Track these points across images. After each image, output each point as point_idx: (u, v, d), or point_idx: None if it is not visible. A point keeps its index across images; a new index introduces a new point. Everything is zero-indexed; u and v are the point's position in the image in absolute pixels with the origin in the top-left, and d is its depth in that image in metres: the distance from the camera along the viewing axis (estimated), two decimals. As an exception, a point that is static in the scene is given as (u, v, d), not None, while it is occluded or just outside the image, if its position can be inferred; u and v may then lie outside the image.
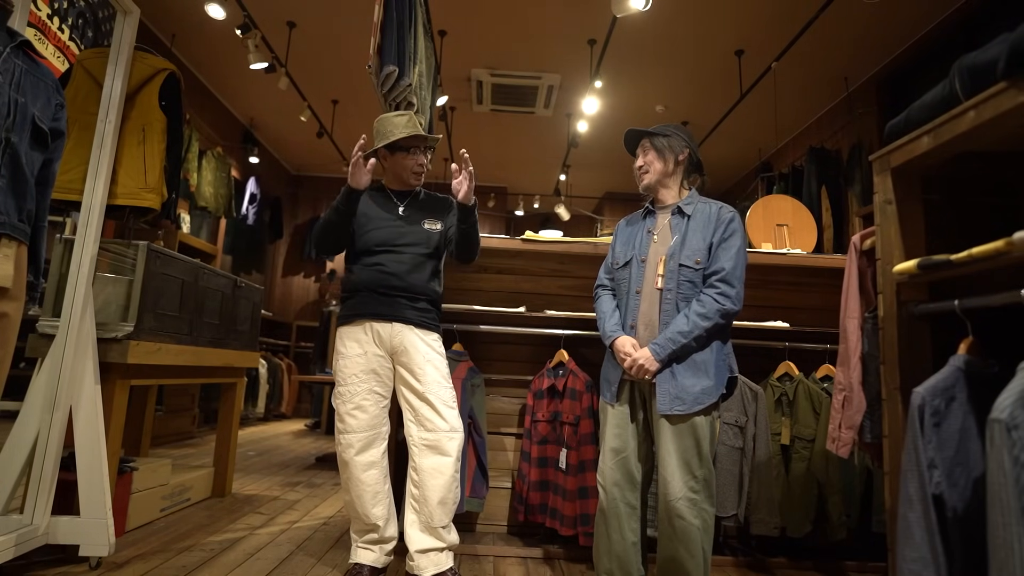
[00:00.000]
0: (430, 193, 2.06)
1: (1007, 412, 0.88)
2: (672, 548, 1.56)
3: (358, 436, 1.82)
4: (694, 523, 1.52)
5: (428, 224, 1.94)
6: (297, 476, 3.46)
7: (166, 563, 1.91)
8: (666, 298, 1.62)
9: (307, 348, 7.06)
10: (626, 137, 1.81)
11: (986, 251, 1.07)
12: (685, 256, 1.62)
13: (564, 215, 6.88)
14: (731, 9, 3.96)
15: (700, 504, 1.54)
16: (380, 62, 2.24)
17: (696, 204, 1.69)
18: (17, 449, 1.75)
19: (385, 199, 1.99)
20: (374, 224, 1.91)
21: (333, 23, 4.31)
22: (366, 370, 1.84)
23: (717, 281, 1.58)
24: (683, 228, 1.66)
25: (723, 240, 1.61)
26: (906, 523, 1.08)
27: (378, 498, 1.83)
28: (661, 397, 1.57)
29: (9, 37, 1.48)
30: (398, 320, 1.84)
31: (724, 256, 1.60)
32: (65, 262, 2.03)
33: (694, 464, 1.55)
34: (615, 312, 1.73)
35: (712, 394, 1.57)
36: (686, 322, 1.55)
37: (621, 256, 1.76)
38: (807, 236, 2.92)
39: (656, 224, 1.73)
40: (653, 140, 1.73)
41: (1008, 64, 1.05)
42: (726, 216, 1.64)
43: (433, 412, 1.80)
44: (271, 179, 7.01)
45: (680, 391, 1.56)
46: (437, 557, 1.78)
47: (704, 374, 1.57)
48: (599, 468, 1.70)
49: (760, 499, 2.14)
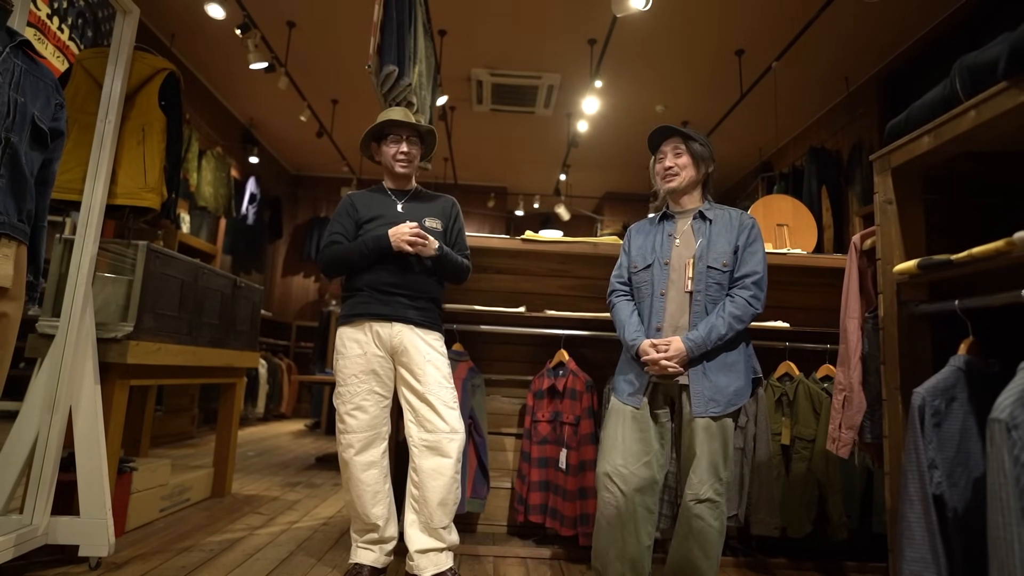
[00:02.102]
0: (430, 192, 2.06)
1: (1007, 412, 0.88)
2: (687, 548, 1.56)
3: (358, 436, 1.82)
4: (714, 525, 1.52)
5: (429, 222, 1.93)
6: (297, 476, 3.46)
7: (166, 563, 1.91)
8: (696, 300, 1.63)
9: (307, 348, 7.06)
10: (657, 132, 1.76)
11: (986, 251, 1.07)
12: (712, 259, 1.63)
13: (564, 215, 6.88)
14: (731, 9, 3.96)
15: (720, 506, 1.55)
16: (380, 62, 2.24)
17: (715, 210, 1.71)
18: (17, 449, 1.75)
19: (383, 198, 1.98)
20: (373, 224, 1.91)
21: (333, 23, 4.30)
22: (366, 370, 1.84)
23: (751, 283, 1.60)
24: (707, 232, 1.67)
25: (749, 244, 1.64)
26: (906, 523, 1.08)
27: (378, 498, 1.83)
28: (696, 399, 1.57)
29: (9, 37, 1.48)
30: (398, 320, 1.84)
31: (752, 260, 1.62)
32: (65, 262, 2.02)
33: (720, 467, 1.55)
34: (634, 315, 1.71)
35: (744, 394, 1.59)
36: (723, 323, 1.56)
37: (640, 260, 1.74)
38: (807, 236, 2.92)
39: (676, 228, 1.73)
40: (690, 144, 1.72)
41: (1008, 64, 1.05)
42: (748, 221, 1.67)
43: (433, 413, 1.80)
44: (271, 179, 7.01)
45: (715, 392, 1.56)
46: (437, 557, 1.78)
47: (736, 374, 1.59)
48: (614, 471, 1.60)
49: (760, 499, 2.14)
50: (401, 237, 1.80)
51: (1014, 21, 1.09)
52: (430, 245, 1.82)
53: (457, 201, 2.10)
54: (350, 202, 1.98)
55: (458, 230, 2.03)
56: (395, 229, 1.82)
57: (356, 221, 1.94)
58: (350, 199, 1.99)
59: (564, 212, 6.86)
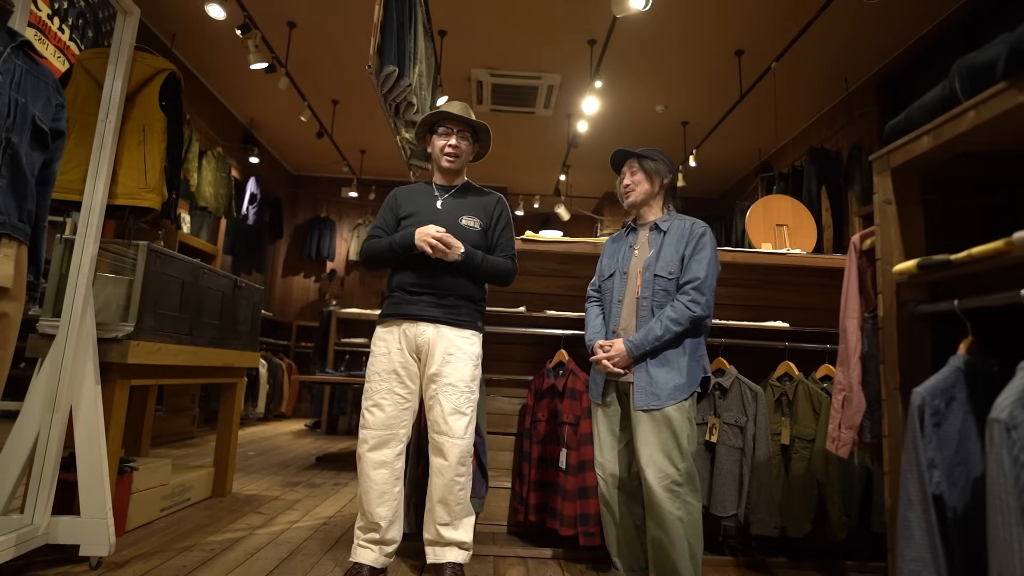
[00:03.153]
0: (477, 187, 2.04)
1: (1007, 412, 0.88)
2: (655, 533, 1.68)
3: (372, 433, 1.84)
4: (675, 513, 1.63)
5: (466, 221, 1.92)
6: (297, 476, 3.46)
7: (166, 563, 1.91)
8: (642, 305, 1.78)
9: (307, 348, 7.06)
10: (615, 156, 1.94)
11: (986, 251, 1.07)
12: (660, 267, 1.77)
13: (564, 215, 6.88)
14: (731, 9, 3.96)
15: (684, 496, 1.65)
16: (380, 62, 2.24)
17: (672, 221, 1.84)
18: (18, 449, 1.75)
19: (427, 193, 1.99)
20: (414, 218, 1.92)
21: (333, 23, 4.31)
22: (388, 369, 1.86)
23: (690, 289, 1.72)
24: (659, 242, 1.81)
25: (695, 252, 1.75)
26: (906, 523, 1.08)
27: (384, 499, 1.83)
28: (638, 393, 1.72)
29: (9, 37, 1.48)
30: (423, 319, 1.85)
31: (696, 267, 1.73)
32: (65, 262, 2.03)
33: (675, 456, 1.65)
34: (597, 319, 1.90)
35: (684, 391, 1.69)
36: (659, 326, 1.70)
37: (607, 269, 1.92)
38: (807, 236, 2.92)
39: (637, 240, 1.89)
40: (643, 162, 1.87)
41: (1008, 64, 1.05)
42: (698, 231, 1.78)
43: (441, 415, 1.82)
44: (271, 179, 7.01)
45: (654, 387, 1.70)
46: (441, 551, 1.84)
47: (677, 372, 1.71)
48: (597, 461, 1.85)
49: (760, 499, 2.14)
50: (423, 238, 1.81)
51: (1014, 21, 1.09)
52: (452, 251, 1.82)
53: (505, 199, 2.07)
54: (394, 196, 2.00)
55: (501, 229, 2.00)
56: (421, 229, 1.82)
57: (396, 216, 1.96)
58: (395, 193, 2.01)
59: (564, 212, 6.86)
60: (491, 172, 7.42)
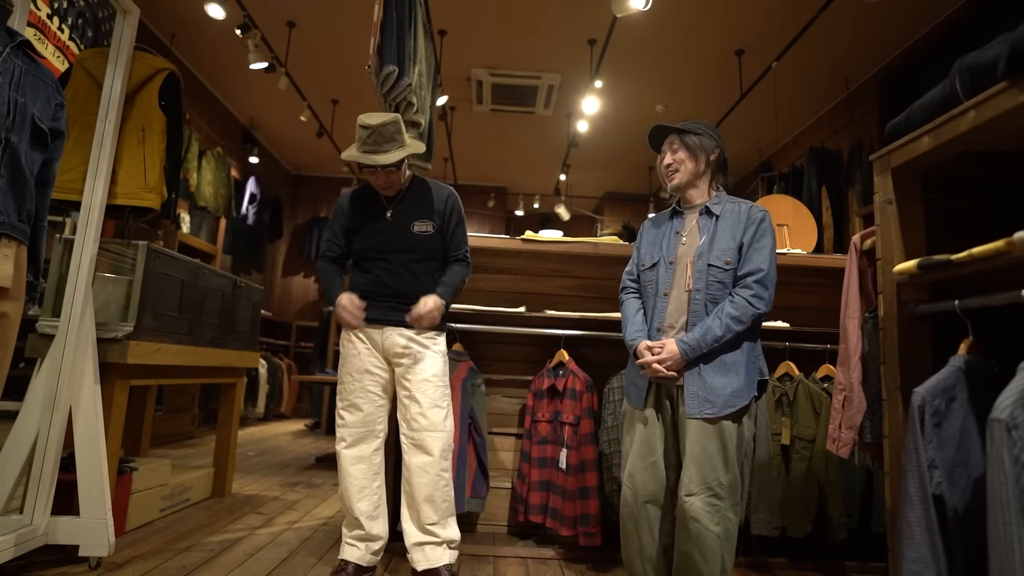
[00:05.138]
0: (423, 187, 1.96)
1: (1007, 412, 0.88)
2: (687, 549, 1.50)
3: (350, 431, 1.88)
4: (713, 529, 1.46)
5: (418, 227, 1.90)
6: (297, 476, 3.46)
7: (166, 563, 1.91)
8: (695, 299, 1.57)
9: (307, 348, 7.06)
10: (653, 132, 1.74)
11: (986, 251, 1.07)
12: (714, 256, 1.57)
13: (564, 215, 6.88)
14: (731, 9, 3.96)
15: (723, 511, 1.48)
16: (380, 62, 2.24)
17: (725, 204, 1.63)
18: (17, 449, 1.75)
19: (373, 202, 1.94)
20: (363, 232, 1.92)
21: (333, 23, 4.30)
22: (360, 370, 1.88)
23: (752, 282, 1.52)
24: (711, 228, 1.61)
25: (755, 240, 1.56)
26: (906, 523, 1.08)
27: (363, 493, 1.86)
28: (689, 400, 1.52)
29: (9, 37, 1.48)
30: (387, 324, 1.87)
31: (758, 257, 1.54)
32: (65, 262, 2.02)
33: (719, 469, 1.48)
34: (638, 315, 1.68)
35: (743, 396, 1.51)
36: (719, 324, 1.50)
37: (648, 258, 1.70)
38: (807, 236, 2.92)
39: (684, 225, 1.67)
40: (684, 138, 1.66)
41: (1008, 64, 1.05)
42: (756, 215, 1.58)
43: (418, 410, 1.83)
44: (271, 179, 7.00)
45: (709, 393, 1.50)
46: (432, 552, 1.82)
47: (735, 374, 1.51)
48: (628, 473, 1.63)
49: (760, 499, 2.14)
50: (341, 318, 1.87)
51: (1014, 21, 1.09)
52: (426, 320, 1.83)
53: (456, 193, 2.00)
54: (340, 207, 1.98)
55: (454, 226, 1.94)
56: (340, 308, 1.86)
57: (345, 228, 1.95)
58: (341, 203, 1.99)
59: (564, 212, 6.86)
60: (491, 172, 7.41)
